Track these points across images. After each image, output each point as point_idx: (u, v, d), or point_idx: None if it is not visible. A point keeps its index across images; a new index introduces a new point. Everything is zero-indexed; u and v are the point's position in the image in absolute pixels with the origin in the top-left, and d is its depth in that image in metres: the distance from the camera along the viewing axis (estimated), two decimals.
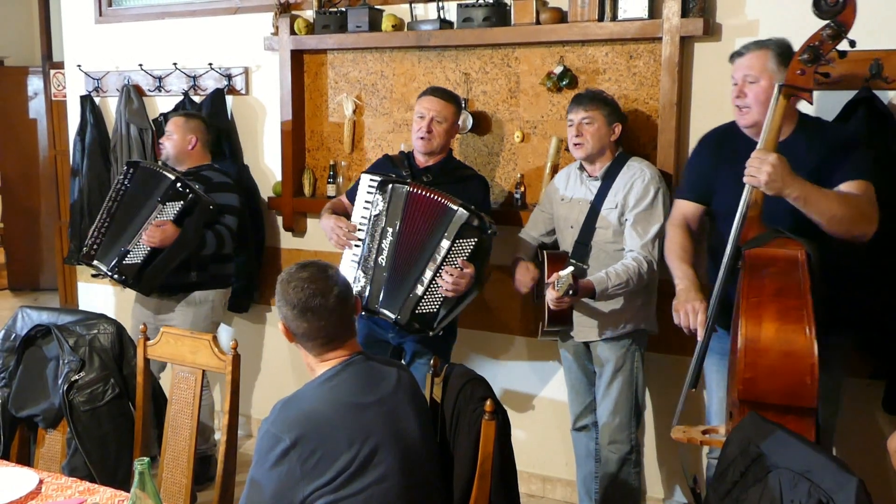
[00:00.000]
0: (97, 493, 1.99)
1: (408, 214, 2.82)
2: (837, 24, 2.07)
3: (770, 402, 1.91)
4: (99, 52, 4.38)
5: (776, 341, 1.91)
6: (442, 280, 2.75)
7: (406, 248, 2.82)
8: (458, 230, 2.73)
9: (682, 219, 2.63)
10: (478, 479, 1.86)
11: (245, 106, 4.01)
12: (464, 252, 2.76)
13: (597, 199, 2.87)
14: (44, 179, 7.32)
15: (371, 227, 2.88)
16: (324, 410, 1.79)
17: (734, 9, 2.95)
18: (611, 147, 2.88)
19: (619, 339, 2.89)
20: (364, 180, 2.95)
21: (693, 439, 2.27)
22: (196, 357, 2.36)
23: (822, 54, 2.10)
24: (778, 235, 2.12)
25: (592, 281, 2.70)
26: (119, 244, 3.33)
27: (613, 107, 2.88)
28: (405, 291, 2.80)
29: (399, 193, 2.84)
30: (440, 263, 2.75)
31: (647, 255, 2.75)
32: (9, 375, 2.55)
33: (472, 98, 3.44)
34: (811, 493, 1.39)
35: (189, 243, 3.29)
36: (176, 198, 3.27)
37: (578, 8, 3.10)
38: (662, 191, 2.83)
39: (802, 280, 1.99)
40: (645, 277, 2.75)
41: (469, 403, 1.93)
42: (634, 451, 2.92)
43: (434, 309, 2.80)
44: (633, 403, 2.91)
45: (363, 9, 3.50)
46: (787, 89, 2.14)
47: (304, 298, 1.84)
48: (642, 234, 2.78)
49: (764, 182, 2.11)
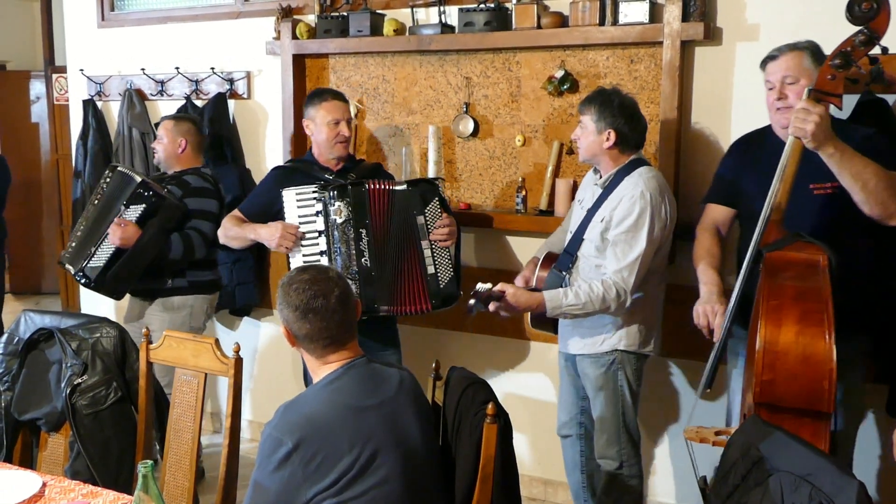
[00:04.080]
0: (100, 496, 1.99)
1: (373, 211, 2.92)
2: (870, 30, 2.04)
3: (787, 405, 1.90)
4: (101, 56, 4.39)
5: (796, 345, 1.90)
6: (437, 237, 2.95)
7: (384, 242, 2.93)
8: (422, 201, 2.93)
9: (712, 223, 2.61)
10: (479, 482, 1.86)
11: (247, 110, 4.02)
12: (437, 213, 2.97)
13: (592, 210, 2.71)
14: (46, 184, 7.34)
15: (340, 235, 2.89)
16: (325, 413, 1.79)
17: (735, 13, 2.95)
18: (608, 154, 2.66)
19: (599, 356, 2.72)
20: (290, 196, 2.94)
21: (705, 440, 2.27)
22: (198, 360, 2.37)
23: (853, 60, 2.08)
24: (799, 239, 2.12)
25: (545, 296, 2.56)
26: (88, 247, 3.36)
27: (607, 112, 2.63)
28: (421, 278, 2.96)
29: (361, 194, 2.91)
30: (428, 236, 2.95)
31: (620, 282, 2.54)
32: (11, 379, 2.55)
33: (473, 102, 3.45)
34: (812, 497, 1.39)
35: (150, 245, 3.29)
36: (138, 200, 3.30)
37: (579, 12, 3.11)
38: (650, 213, 2.56)
39: (823, 285, 1.98)
40: (610, 305, 2.54)
41: (471, 407, 1.93)
42: (625, 465, 2.78)
43: (450, 271, 3.01)
44: (619, 422, 2.73)
45: (365, 13, 3.51)
46: (816, 94, 2.12)
47: (306, 300, 1.85)
48: (620, 259, 2.57)
49: (810, 132, 2.07)
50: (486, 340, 3.57)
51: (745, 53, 2.94)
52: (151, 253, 3.31)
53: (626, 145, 2.67)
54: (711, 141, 3.03)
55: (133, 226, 3.27)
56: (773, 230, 2.18)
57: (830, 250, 2.06)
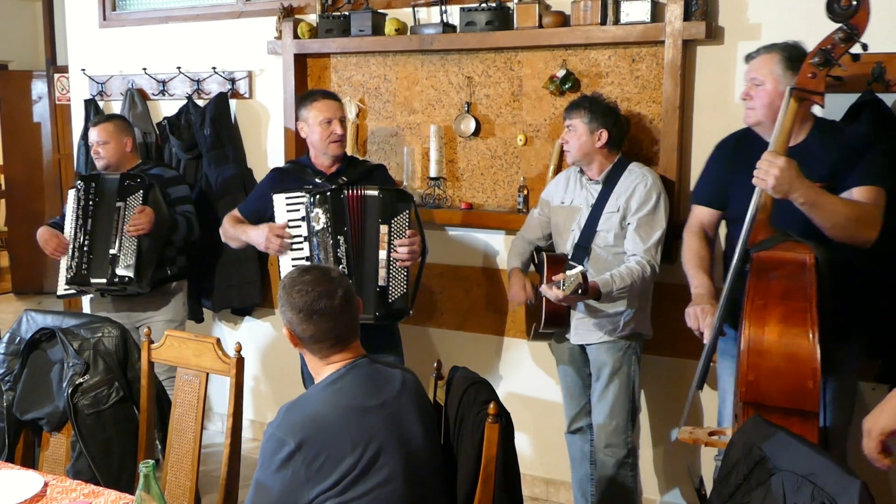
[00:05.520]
0: (102, 496, 1.99)
1: (351, 218, 2.87)
2: (850, 27, 2.05)
3: (773, 404, 1.91)
4: (103, 56, 4.39)
5: (779, 344, 1.91)
6: (397, 254, 2.84)
7: (359, 249, 2.88)
8: (389, 211, 2.85)
9: (699, 225, 2.61)
10: (481, 481, 1.86)
11: (248, 109, 4.03)
12: (403, 226, 2.87)
13: (598, 203, 2.87)
14: (47, 183, 7.35)
15: (319, 242, 2.88)
16: (328, 413, 1.79)
17: (737, 12, 2.95)
18: (600, 153, 2.86)
19: (616, 342, 2.88)
20: (280, 201, 2.94)
21: (699, 440, 2.27)
22: (200, 360, 2.37)
23: (833, 58, 2.08)
24: (786, 239, 2.12)
25: (598, 283, 2.70)
26: (106, 254, 3.35)
27: (597, 113, 2.83)
28: (371, 287, 2.85)
29: (339, 201, 2.87)
30: (388, 247, 2.85)
31: (651, 260, 2.77)
32: (13, 379, 2.55)
33: (474, 101, 3.45)
34: (814, 496, 1.39)
35: (166, 220, 3.42)
36: (131, 190, 3.36)
37: (581, 12, 3.11)
38: (663, 196, 2.84)
39: (809, 284, 1.99)
40: (648, 281, 2.78)
41: (472, 406, 1.93)
42: (631, 454, 2.92)
43: (402, 288, 2.88)
44: (629, 407, 2.90)
45: (366, 13, 3.51)
46: (797, 92, 2.13)
47: (310, 301, 1.85)
48: (645, 239, 2.78)
49: (771, 186, 2.10)
50: (487, 340, 3.57)
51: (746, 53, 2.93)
52: (167, 228, 3.43)
53: (613, 144, 2.89)
54: (713, 140, 3.02)
55: (147, 208, 3.33)
56: (760, 230, 2.19)
57: (819, 249, 2.06)
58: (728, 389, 2.59)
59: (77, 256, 3.39)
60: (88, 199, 3.42)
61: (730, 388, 2.57)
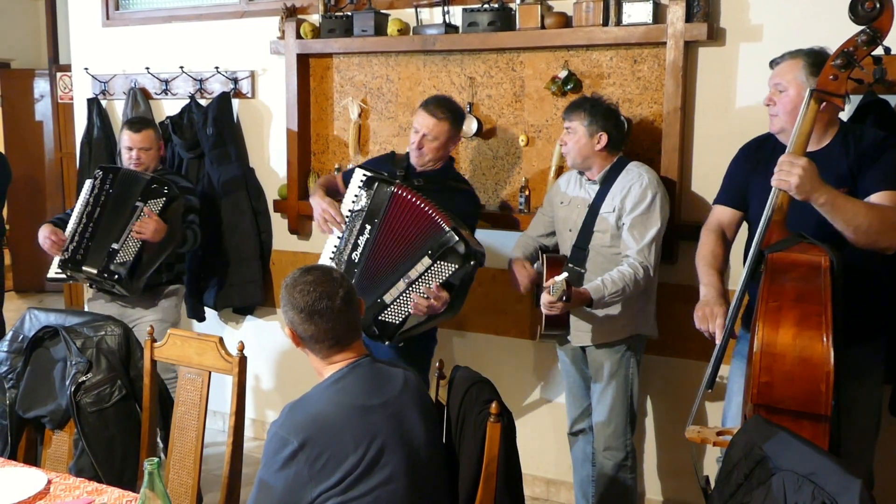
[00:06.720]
0: (105, 494, 2.00)
1: (389, 216, 2.79)
2: (873, 29, 2.03)
3: (784, 407, 1.89)
4: (106, 55, 4.40)
5: (793, 347, 1.89)
6: (414, 296, 2.69)
7: (383, 250, 2.79)
8: (442, 252, 2.66)
9: (717, 224, 2.59)
10: (483, 481, 1.86)
11: (251, 109, 4.03)
12: (442, 275, 2.69)
13: (595, 203, 2.85)
14: (49, 182, 7.36)
15: (352, 221, 2.87)
16: (331, 413, 1.80)
17: (738, 13, 2.96)
18: (600, 155, 2.83)
19: (613, 344, 2.86)
20: (357, 173, 2.95)
21: (707, 440, 2.26)
22: (202, 359, 2.38)
23: (855, 60, 2.07)
24: (802, 240, 2.10)
25: (589, 290, 2.66)
26: (106, 246, 3.35)
27: (597, 115, 2.80)
28: (373, 295, 2.76)
29: (384, 193, 2.81)
30: (415, 280, 2.70)
31: (643, 261, 2.72)
32: (16, 376, 2.56)
33: (476, 102, 3.46)
34: (815, 496, 1.40)
35: (175, 237, 3.40)
36: (157, 195, 3.35)
37: (583, 13, 3.11)
38: (660, 195, 2.79)
39: (824, 287, 1.96)
40: (641, 283, 2.72)
41: (474, 406, 1.93)
42: (630, 457, 2.91)
43: (397, 320, 2.75)
44: (627, 409, 2.89)
45: (369, 13, 3.52)
46: (818, 94, 2.11)
47: (311, 302, 1.85)
48: (638, 239, 2.74)
49: (795, 185, 2.07)
50: (489, 340, 3.58)
51: (748, 54, 2.95)
52: (174, 244, 3.42)
53: (613, 146, 2.85)
54: (715, 141, 3.04)
55: (161, 221, 3.32)
56: (775, 231, 2.17)
57: (834, 251, 2.05)
58: (735, 390, 2.58)
59: (76, 241, 3.40)
60: (104, 188, 3.44)
61: (737, 389, 2.56)
